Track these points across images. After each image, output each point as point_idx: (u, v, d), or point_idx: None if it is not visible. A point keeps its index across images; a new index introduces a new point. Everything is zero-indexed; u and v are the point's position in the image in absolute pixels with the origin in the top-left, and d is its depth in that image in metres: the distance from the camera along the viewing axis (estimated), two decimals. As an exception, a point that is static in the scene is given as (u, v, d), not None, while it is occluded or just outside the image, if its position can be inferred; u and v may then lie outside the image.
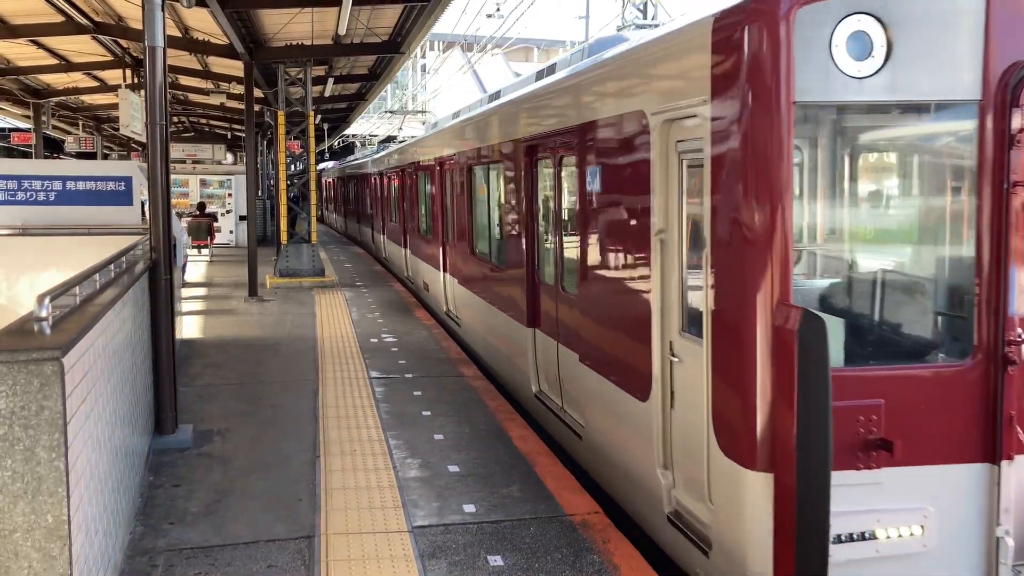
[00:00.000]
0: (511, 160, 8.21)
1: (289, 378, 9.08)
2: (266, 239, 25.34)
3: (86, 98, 24.11)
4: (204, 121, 31.26)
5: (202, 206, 23.61)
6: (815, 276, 4.84)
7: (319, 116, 25.67)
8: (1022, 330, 4.07)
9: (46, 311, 3.79)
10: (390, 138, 42.58)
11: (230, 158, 32.87)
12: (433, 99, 45.25)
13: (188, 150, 29.25)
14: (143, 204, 12.37)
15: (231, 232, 26.38)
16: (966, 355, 4.14)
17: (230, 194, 26.63)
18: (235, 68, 17.24)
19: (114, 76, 19.58)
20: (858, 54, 3.94)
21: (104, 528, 4.21)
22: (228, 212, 26.54)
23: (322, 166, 42.99)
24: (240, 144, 31.59)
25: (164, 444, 6.75)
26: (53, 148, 30.88)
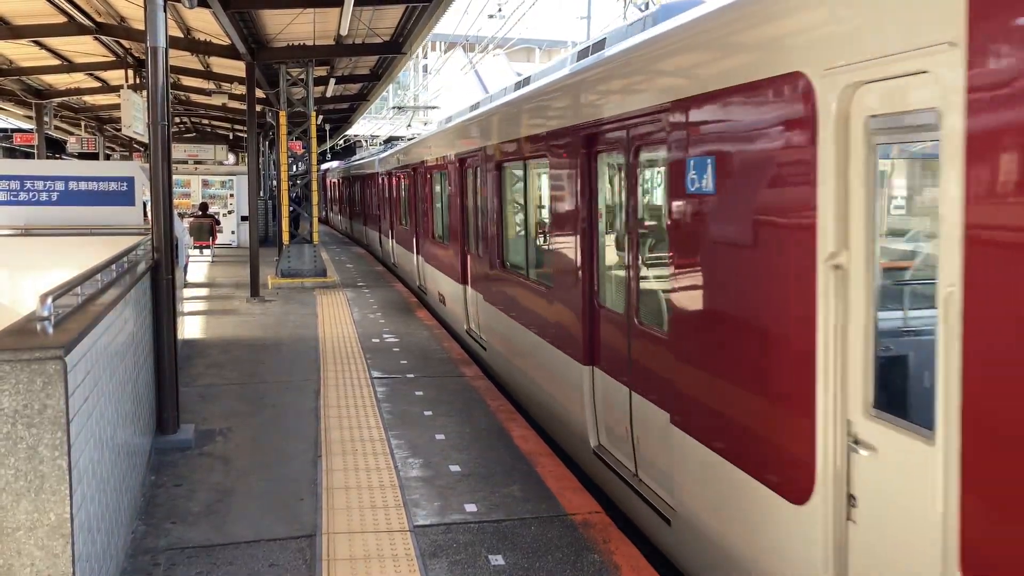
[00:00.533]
0: (562, 153, 6.65)
1: (291, 378, 9.10)
2: (268, 240, 25.40)
3: (88, 99, 24.13)
4: (206, 122, 31.30)
5: (204, 206, 23.64)
6: None
7: (321, 116, 25.68)
8: None
9: (49, 310, 3.81)
10: (393, 138, 42.48)
11: (232, 158, 32.91)
12: (435, 99, 45.27)
13: (190, 150, 29.34)
14: (145, 204, 12.39)
15: (233, 233, 26.42)
16: None
17: (232, 194, 26.68)
18: (237, 69, 17.27)
19: (116, 77, 19.61)
20: None
21: (106, 527, 4.23)
22: (230, 212, 26.58)
23: (326, 166, 42.63)
24: (242, 145, 31.60)
25: (166, 444, 6.77)
26: (55, 149, 30.91)
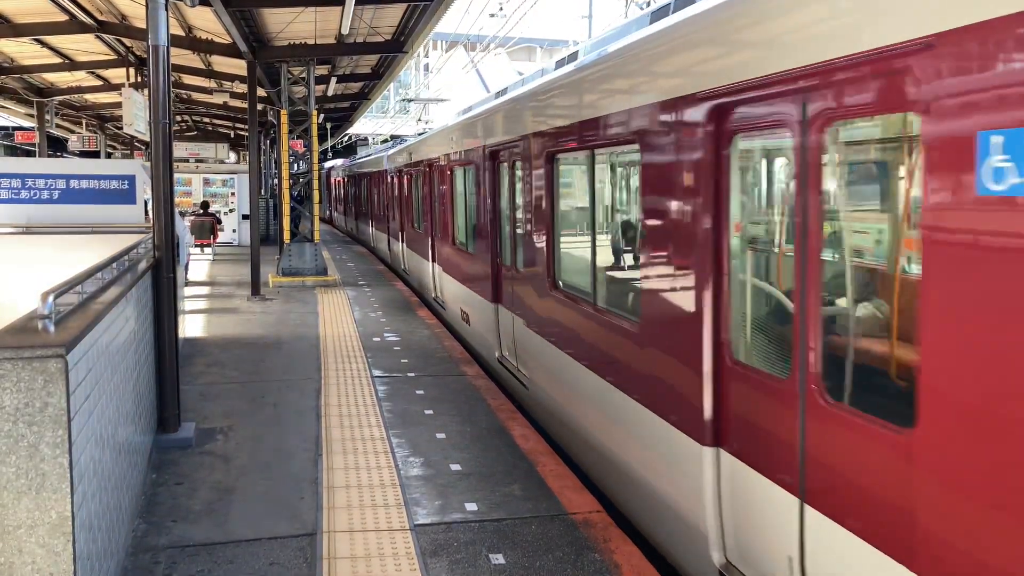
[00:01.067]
0: (665, 134, 4.70)
1: (292, 377, 9.10)
2: (269, 238, 25.41)
3: (90, 97, 24.14)
4: (207, 120, 31.31)
5: (205, 205, 23.65)
6: None
7: (322, 115, 25.69)
8: None
9: (50, 309, 3.81)
10: (393, 137, 42.36)
11: (233, 157, 32.96)
12: (424, 107, 45.21)
13: (191, 149, 29.40)
14: (146, 203, 12.40)
15: (234, 231, 26.42)
16: None
17: (233, 193, 26.68)
18: (238, 67, 17.27)
19: (118, 75, 19.63)
20: None
21: (107, 525, 4.23)
22: (231, 211, 26.59)
23: (329, 164, 42.31)
24: (243, 143, 31.62)
25: (167, 442, 6.77)
26: (56, 147, 30.94)
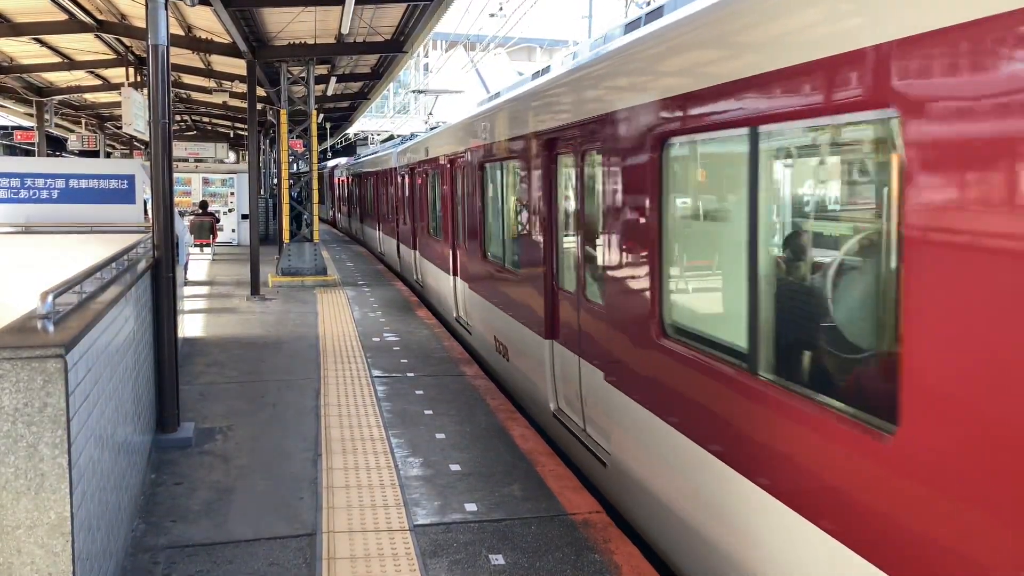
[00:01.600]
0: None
1: (291, 377, 9.09)
2: (268, 238, 25.40)
3: (89, 96, 24.12)
4: (207, 120, 31.30)
5: (204, 204, 23.65)
6: None
7: (322, 115, 25.68)
8: None
9: (49, 308, 3.80)
10: (392, 137, 42.33)
11: (232, 157, 32.94)
12: (436, 99, 45.20)
13: (191, 148, 29.42)
14: (146, 202, 12.39)
15: (233, 231, 26.42)
16: None
17: (232, 193, 26.67)
18: (238, 67, 17.27)
19: (117, 74, 19.63)
20: None
21: (106, 525, 4.22)
22: (230, 211, 26.58)
23: (333, 162, 42.07)
24: (242, 143, 31.62)
25: (166, 442, 6.76)
26: (56, 146, 30.94)
